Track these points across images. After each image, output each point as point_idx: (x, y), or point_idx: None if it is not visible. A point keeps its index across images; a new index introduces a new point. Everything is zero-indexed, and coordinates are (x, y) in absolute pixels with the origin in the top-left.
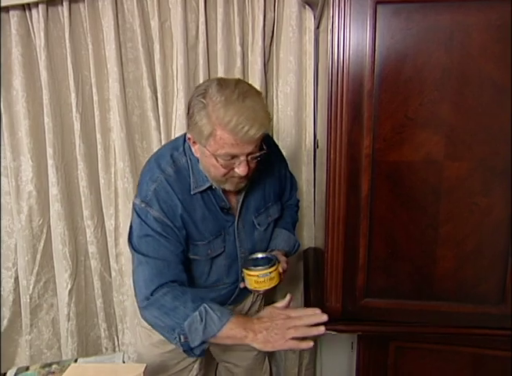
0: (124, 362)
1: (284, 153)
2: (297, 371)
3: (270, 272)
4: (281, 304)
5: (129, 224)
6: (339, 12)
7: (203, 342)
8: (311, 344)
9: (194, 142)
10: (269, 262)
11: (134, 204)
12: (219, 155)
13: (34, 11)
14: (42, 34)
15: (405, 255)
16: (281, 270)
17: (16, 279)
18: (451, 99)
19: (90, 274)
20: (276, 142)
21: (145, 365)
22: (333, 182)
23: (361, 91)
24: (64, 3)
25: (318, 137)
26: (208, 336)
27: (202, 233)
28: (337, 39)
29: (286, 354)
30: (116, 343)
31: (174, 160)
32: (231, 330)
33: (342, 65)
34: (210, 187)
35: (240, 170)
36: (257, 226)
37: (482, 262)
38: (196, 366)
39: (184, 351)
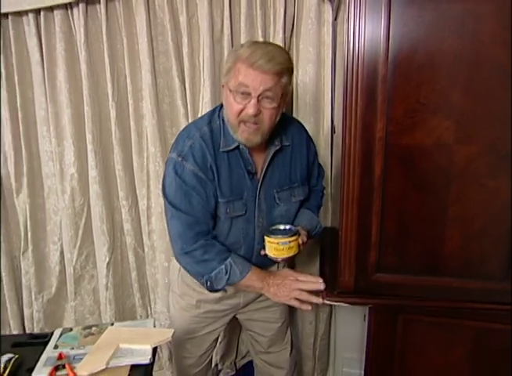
0: (154, 326)
1: None
2: (313, 341)
3: (289, 242)
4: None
5: (162, 176)
6: (355, 3)
7: (224, 287)
8: (309, 308)
9: (225, 87)
10: (290, 232)
11: (170, 158)
12: (234, 88)
13: (75, 10)
14: (82, 30)
15: (415, 234)
16: (300, 242)
17: (62, 252)
18: (461, 86)
19: (125, 249)
20: None
21: (173, 330)
22: (348, 164)
23: (375, 77)
24: (101, 2)
25: (335, 123)
26: (230, 283)
27: (223, 190)
28: (352, 28)
29: (303, 325)
30: (149, 311)
31: (211, 121)
32: (250, 281)
33: (358, 52)
34: (237, 147)
35: (249, 107)
36: (277, 201)
37: (488, 241)
38: (221, 332)
39: (208, 289)
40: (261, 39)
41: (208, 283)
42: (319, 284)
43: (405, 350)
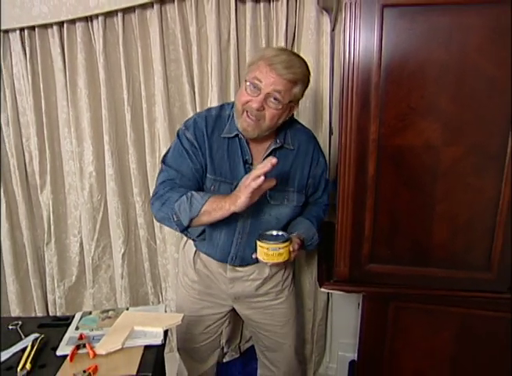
0: (165, 312)
1: None
2: (311, 326)
3: (279, 248)
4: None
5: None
6: (350, 15)
7: (191, 220)
8: (273, 182)
9: (244, 80)
10: (282, 238)
11: (178, 129)
12: (249, 80)
13: (94, 22)
14: (101, 40)
15: (405, 228)
16: (291, 249)
17: (81, 244)
18: (449, 92)
19: (139, 241)
20: None
21: (182, 315)
22: (344, 164)
23: (369, 83)
24: (119, 14)
25: (332, 125)
26: (195, 212)
27: (214, 169)
28: (348, 38)
29: (303, 312)
30: (160, 298)
31: (222, 108)
32: (213, 203)
33: (353, 61)
34: (237, 135)
35: (255, 103)
36: (268, 198)
37: (472, 235)
38: (220, 320)
39: (181, 231)
40: (264, 47)
41: (175, 217)
42: (268, 165)
43: (396, 335)
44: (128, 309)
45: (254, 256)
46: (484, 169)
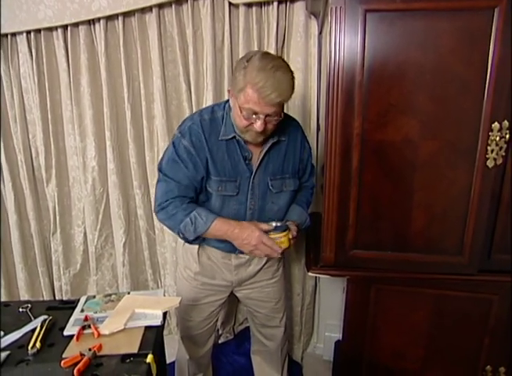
0: (164, 295)
1: None
2: (300, 309)
3: (280, 237)
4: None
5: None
6: (336, 19)
7: (197, 238)
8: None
9: (232, 95)
10: (280, 228)
11: (173, 136)
12: (244, 108)
13: (97, 25)
14: (103, 42)
15: (386, 216)
16: (291, 236)
17: (85, 234)
18: (425, 91)
19: (139, 231)
20: None
21: (180, 298)
22: (330, 157)
23: (353, 82)
24: (119, 18)
25: (320, 122)
26: (199, 233)
27: (218, 171)
28: (334, 41)
29: (292, 296)
30: (159, 285)
31: (213, 111)
32: (215, 230)
33: (338, 61)
34: (234, 137)
35: (257, 126)
36: (271, 187)
37: (447, 222)
38: (220, 305)
39: (185, 241)
40: (256, 49)
41: (181, 234)
42: (276, 253)
43: (376, 315)
44: (129, 293)
45: None
46: (458, 162)
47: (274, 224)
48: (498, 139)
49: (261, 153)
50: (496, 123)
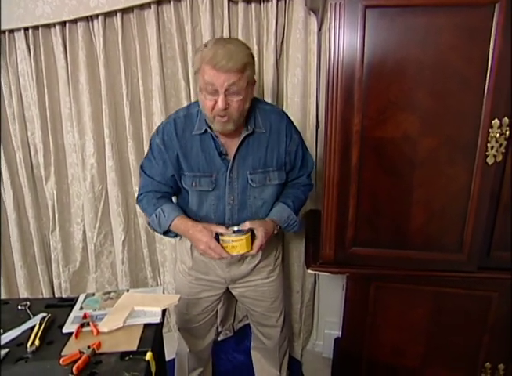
0: (163, 293)
1: None
2: (299, 307)
3: (232, 241)
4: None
5: None
6: (335, 15)
7: (165, 232)
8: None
9: (200, 89)
10: (239, 233)
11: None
12: (203, 87)
13: (95, 21)
14: (101, 39)
15: (386, 213)
16: (257, 243)
17: (84, 231)
18: (425, 87)
19: (138, 229)
20: None
21: (179, 296)
22: (329, 154)
23: (352, 79)
24: (118, 14)
25: (319, 119)
26: (164, 229)
27: (191, 166)
28: (334, 37)
29: (291, 293)
30: (158, 282)
31: (189, 108)
32: (178, 228)
33: (338, 58)
34: (206, 131)
35: (219, 103)
36: (250, 182)
37: (446, 219)
38: (217, 301)
39: (157, 232)
40: (255, 47)
41: (151, 228)
42: (226, 257)
43: (376, 312)
44: (128, 290)
45: None
46: (458, 159)
47: (235, 228)
48: (498, 135)
49: (236, 146)
50: (496, 120)
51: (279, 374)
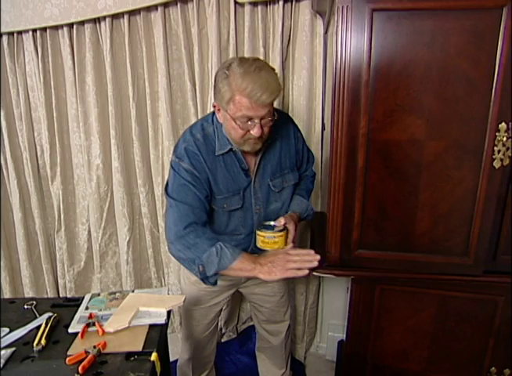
0: (168, 294)
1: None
2: (303, 309)
3: (275, 237)
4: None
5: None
6: (342, 18)
7: (216, 273)
8: (306, 272)
9: (218, 110)
10: (277, 228)
11: (171, 161)
12: (237, 117)
13: (102, 23)
14: (108, 41)
15: (391, 216)
16: (291, 237)
17: (89, 232)
18: (432, 90)
19: (143, 229)
20: None
21: (184, 296)
22: (335, 156)
23: (359, 82)
24: (125, 16)
25: (325, 121)
26: (222, 267)
27: (220, 189)
28: (340, 40)
29: (295, 295)
30: (163, 283)
31: (204, 128)
32: (241, 264)
33: (344, 61)
34: (231, 149)
35: (255, 131)
36: (272, 188)
37: (452, 223)
38: (224, 304)
39: (201, 279)
40: (261, 49)
41: (200, 267)
42: (313, 255)
43: (381, 315)
44: (133, 291)
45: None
46: (464, 162)
47: (272, 223)
48: (505, 139)
49: (257, 158)
50: (503, 123)
51: (285, 369)
